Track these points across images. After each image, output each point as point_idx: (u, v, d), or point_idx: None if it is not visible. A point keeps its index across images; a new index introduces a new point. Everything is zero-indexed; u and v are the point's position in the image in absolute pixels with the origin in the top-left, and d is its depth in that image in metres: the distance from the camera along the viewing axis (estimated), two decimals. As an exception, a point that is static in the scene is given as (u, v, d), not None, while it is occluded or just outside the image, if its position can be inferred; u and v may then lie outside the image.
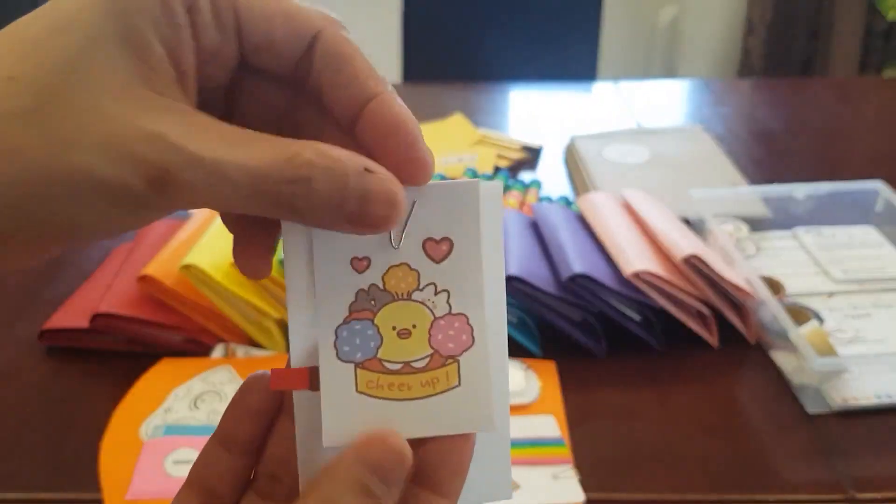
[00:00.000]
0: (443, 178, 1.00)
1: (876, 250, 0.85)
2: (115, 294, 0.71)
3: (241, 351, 0.70)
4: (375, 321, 0.27)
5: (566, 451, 0.60)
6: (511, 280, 0.68)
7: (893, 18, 2.11)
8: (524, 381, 0.66)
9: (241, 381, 0.28)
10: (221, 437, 0.28)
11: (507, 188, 0.99)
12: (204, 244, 0.73)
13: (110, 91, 0.22)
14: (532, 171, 1.07)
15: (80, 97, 0.21)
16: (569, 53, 1.69)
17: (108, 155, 0.21)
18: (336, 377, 0.26)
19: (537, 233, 0.78)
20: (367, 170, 0.24)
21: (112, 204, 0.22)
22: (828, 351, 0.68)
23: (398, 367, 0.26)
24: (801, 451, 0.61)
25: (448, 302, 0.27)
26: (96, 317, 0.69)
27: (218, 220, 0.80)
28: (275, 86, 0.27)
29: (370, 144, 0.25)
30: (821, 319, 0.74)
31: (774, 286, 0.76)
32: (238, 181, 0.22)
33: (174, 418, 0.63)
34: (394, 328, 0.27)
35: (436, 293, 0.27)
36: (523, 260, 0.71)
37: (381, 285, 0.27)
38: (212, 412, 0.63)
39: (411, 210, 0.27)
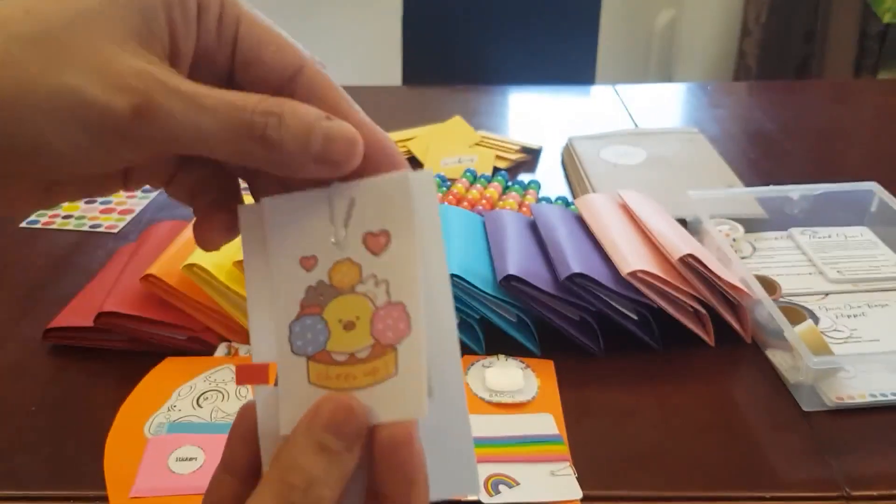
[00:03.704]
0: (443, 178, 1.01)
1: (870, 251, 0.86)
2: (119, 293, 0.72)
3: (243, 350, 0.71)
4: (324, 315, 0.28)
5: (564, 449, 0.61)
6: (510, 279, 0.69)
7: (889, 21, 2.12)
8: (523, 379, 0.67)
9: (243, 381, 0.30)
10: (225, 464, 0.29)
11: (506, 189, 1.00)
12: (206, 244, 0.73)
13: (112, 38, 0.25)
14: (531, 173, 1.07)
15: (85, 35, 0.24)
16: (567, 57, 1.70)
17: (99, 79, 0.24)
18: (291, 370, 0.28)
19: (536, 233, 0.79)
20: (328, 117, 0.27)
21: (87, 130, 0.24)
22: (823, 350, 0.69)
23: (344, 358, 0.27)
24: (797, 450, 0.61)
25: (387, 292, 0.28)
26: (100, 316, 0.70)
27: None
28: None
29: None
30: (816, 319, 0.75)
31: (770, 286, 0.77)
32: (215, 109, 0.25)
33: (178, 416, 0.63)
34: (340, 321, 0.28)
35: (376, 284, 0.28)
36: (522, 260, 0.72)
37: (327, 281, 0.28)
38: (214, 410, 0.64)
39: (352, 206, 0.28)
